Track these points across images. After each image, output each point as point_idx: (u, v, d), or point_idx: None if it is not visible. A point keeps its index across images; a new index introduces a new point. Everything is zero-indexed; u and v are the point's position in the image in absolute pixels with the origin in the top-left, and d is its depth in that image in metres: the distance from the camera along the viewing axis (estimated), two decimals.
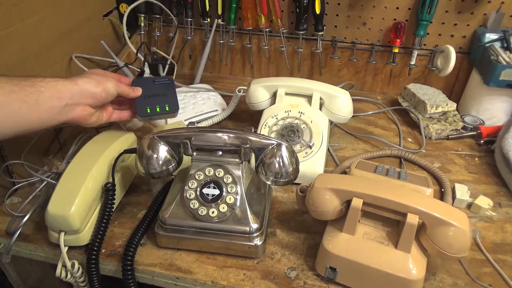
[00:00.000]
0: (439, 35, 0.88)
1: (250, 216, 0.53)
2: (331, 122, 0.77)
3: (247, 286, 0.51)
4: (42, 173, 0.66)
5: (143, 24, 0.94)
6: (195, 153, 0.55)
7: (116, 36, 0.95)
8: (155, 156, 0.54)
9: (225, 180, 0.54)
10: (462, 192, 0.64)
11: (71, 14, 0.77)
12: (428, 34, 0.87)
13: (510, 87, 0.76)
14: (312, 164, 0.67)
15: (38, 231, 0.58)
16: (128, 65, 0.86)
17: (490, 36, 0.80)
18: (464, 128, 0.81)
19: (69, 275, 0.54)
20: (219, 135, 0.54)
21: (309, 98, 0.74)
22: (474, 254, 0.56)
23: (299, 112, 0.71)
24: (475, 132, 0.80)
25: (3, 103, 0.48)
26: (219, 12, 0.92)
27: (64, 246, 0.53)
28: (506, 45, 0.78)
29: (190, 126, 0.58)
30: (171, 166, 0.55)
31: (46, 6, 0.69)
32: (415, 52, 0.88)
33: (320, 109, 0.73)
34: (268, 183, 0.54)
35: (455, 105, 0.82)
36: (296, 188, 0.56)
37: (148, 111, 0.64)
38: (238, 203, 0.53)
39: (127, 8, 0.91)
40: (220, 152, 0.55)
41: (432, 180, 0.66)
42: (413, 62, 0.89)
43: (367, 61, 0.94)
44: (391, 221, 0.50)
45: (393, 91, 0.97)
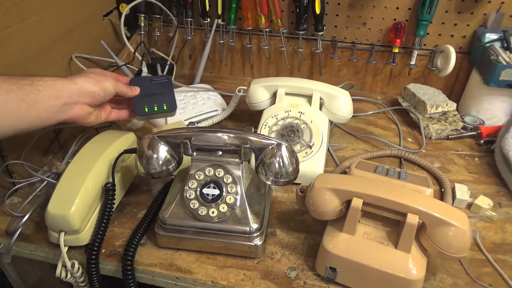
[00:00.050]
0: (439, 35, 0.88)
1: (250, 216, 0.53)
2: (331, 122, 0.77)
3: (247, 286, 0.51)
4: (42, 173, 0.66)
5: (143, 24, 0.94)
6: (195, 153, 0.55)
7: (116, 36, 0.95)
8: (155, 156, 0.54)
9: (225, 180, 0.54)
10: (462, 192, 0.64)
11: (71, 14, 0.77)
12: (428, 34, 0.87)
13: (510, 87, 0.76)
14: (312, 164, 0.67)
15: (38, 231, 0.58)
16: (127, 64, 0.86)
17: (490, 36, 0.80)
18: (464, 128, 0.81)
19: (69, 275, 0.54)
20: (219, 135, 0.54)
21: (309, 98, 0.74)
22: (474, 254, 0.56)
23: (299, 112, 0.71)
24: (475, 132, 0.80)
25: (1, 102, 0.48)
26: (219, 12, 0.92)
27: (64, 246, 0.53)
28: (506, 45, 0.78)
29: (190, 126, 0.58)
30: (171, 166, 0.55)
31: (46, 6, 0.69)
32: (415, 52, 0.88)
33: (320, 109, 0.73)
34: (268, 183, 0.54)
35: (455, 105, 0.82)
36: (296, 188, 0.56)
37: (146, 110, 0.64)
38: (238, 203, 0.53)
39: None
40: (220, 152, 0.55)
41: (432, 180, 0.66)
42: (413, 62, 0.89)
43: (367, 61, 0.94)
44: (391, 221, 0.50)
45: (393, 91, 0.97)
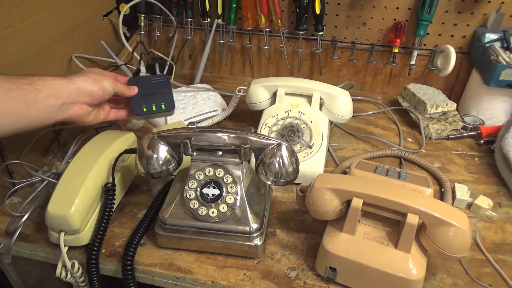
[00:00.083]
0: (439, 35, 0.88)
1: (250, 216, 0.53)
2: (331, 122, 0.77)
3: (247, 286, 0.51)
4: (42, 173, 0.66)
5: (143, 24, 0.94)
6: (195, 153, 0.55)
7: (116, 36, 0.95)
8: (155, 156, 0.54)
9: (225, 180, 0.54)
10: (462, 192, 0.64)
11: (71, 14, 0.77)
12: (428, 34, 0.87)
13: (510, 87, 0.76)
14: (312, 164, 0.67)
15: (38, 231, 0.58)
16: (127, 64, 0.86)
17: (490, 36, 0.80)
18: (464, 128, 0.81)
19: (69, 275, 0.54)
20: (219, 135, 0.54)
21: (309, 98, 0.74)
22: (474, 254, 0.56)
23: (299, 112, 0.71)
24: (475, 132, 0.80)
25: (1, 101, 0.48)
26: (219, 12, 0.92)
27: (64, 246, 0.53)
28: (506, 45, 0.78)
29: (190, 126, 0.58)
30: (171, 166, 0.55)
31: (46, 6, 0.69)
32: (415, 52, 0.88)
33: (320, 109, 0.73)
34: (268, 183, 0.54)
35: (455, 105, 0.82)
36: (296, 188, 0.56)
37: (144, 110, 0.64)
38: (238, 203, 0.53)
39: (127, 8, 0.91)
40: (220, 152, 0.55)
41: (432, 180, 0.66)
42: (413, 62, 0.89)
43: (367, 61, 0.94)
44: (391, 221, 0.50)
45: (393, 91, 0.97)
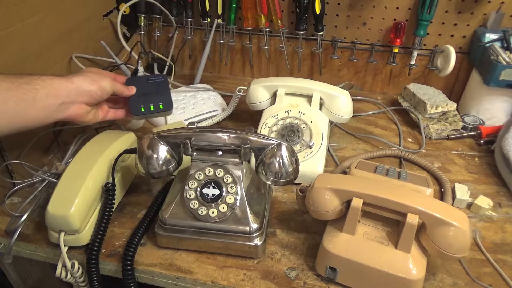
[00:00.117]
0: (439, 35, 0.88)
1: (250, 216, 0.53)
2: (331, 122, 0.77)
3: (247, 286, 0.51)
4: (42, 173, 0.66)
5: (143, 24, 0.94)
6: (195, 153, 0.55)
7: (116, 36, 0.95)
8: (155, 156, 0.54)
9: (225, 180, 0.54)
10: (462, 192, 0.64)
11: (71, 14, 0.77)
12: (428, 34, 0.87)
13: (510, 87, 0.76)
14: (312, 164, 0.67)
15: (38, 231, 0.58)
16: (127, 64, 0.86)
17: (490, 36, 0.80)
18: (464, 128, 0.81)
19: (69, 275, 0.54)
20: (219, 135, 0.54)
21: (309, 98, 0.74)
22: (474, 254, 0.56)
23: (299, 112, 0.71)
24: (475, 132, 0.80)
25: (0, 100, 0.48)
26: (219, 12, 0.92)
27: (64, 246, 0.53)
28: (506, 45, 0.78)
29: (190, 126, 0.58)
30: (171, 166, 0.55)
31: (46, 6, 0.69)
32: (415, 52, 0.88)
33: (320, 109, 0.73)
34: (268, 183, 0.54)
35: (455, 105, 0.82)
36: (296, 188, 0.56)
37: (142, 110, 0.64)
38: (238, 203, 0.53)
39: (126, 8, 0.91)
40: (220, 152, 0.55)
41: (432, 180, 0.66)
42: (413, 62, 0.89)
43: (367, 61, 0.94)
44: (391, 221, 0.50)
45: (393, 91, 0.97)
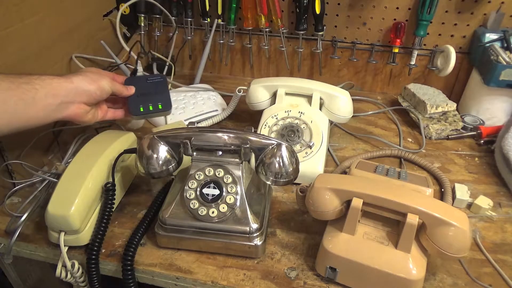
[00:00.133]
0: (439, 35, 0.88)
1: (250, 216, 0.53)
2: (331, 122, 0.77)
3: (247, 286, 0.51)
4: (42, 173, 0.66)
5: (143, 24, 0.94)
6: (195, 153, 0.55)
7: (116, 36, 0.95)
8: (155, 156, 0.54)
9: (225, 180, 0.54)
10: (462, 192, 0.64)
11: (71, 14, 0.77)
12: (428, 34, 0.87)
13: (510, 87, 0.76)
14: (312, 164, 0.67)
15: (38, 231, 0.58)
16: (127, 64, 0.86)
17: (490, 36, 0.80)
18: (464, 128, 0.81)
19: (69, 275, 0.54)
20: (219, 135, 0.54)
21: (309, 98, 0.74)
22: (474, 254, 0.56)
23: (299, 112, 0.71)
24: (475, 132, 0.80)
25: (0, 100, 0.48)
26: (219, 12, 0.92)
27: (64, 246, 0.53)
28: (506, 45, 0.78)
29: (190, 126, 0.58)
30: (171, 166, 0.55)
31: (46, 6, 0.69)
32: (415, 52, 0.88)
33: (320, 109, 0.73)
34: (268, 183, 0.54)
35: (455, 105, 0.82)
36: (296, 188, 0.56)
37: (141, 110, 0.64)
38: (238, 203, 0.53)
39: (126, 8, 0.91)
40: (220, 152, 0.55)
41: (432, 180, 0.66)
42: (413, 62, 0.89)
43: (367, 61, 0.94)
44: (391, 221, 0.50)
45: (393, 91, 0.97)
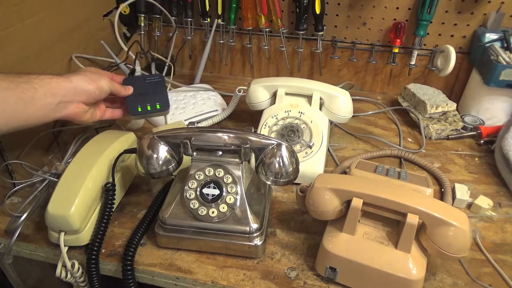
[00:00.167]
0: (439, 35, 0.88)
1: (250, 216, 0.53)
2: (331, 122, 0.77)
3: (247, 286, 0.51)
4: (42, 173, 0.66)
5: (143, 24, 0.94)
6: (195, 153, 0.55)
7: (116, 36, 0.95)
8: (155, 156, 0.54)
9: (225, 180, 0.54)
10: (462, 192, 0.64)
11: (71, 14, 0.77)
12: (428, 34, 0.87)
13: (510, 87, 0.76)
14: (312, 164, 0.67)
15: (38, 231, 0.58)
16: (126, 63, 0.86)
17: (490, 36, 0.80)
18: (464, 128, 0.81)
19: (69, 275, 0.54)
20: (219, 135, 0.54)
21: (309, 98, 0.74)
22: (474, 254, 0.56)
23: (299, 112, 0.71)
24: (475, 132, 0.80)
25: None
26: (219, 12, 0.92)
27: (64, 246, 0.53)
28: (506, 45, 0.78)
29: (190, 126, 0.58)
30: (171, 166, 0.55)
31: (46, 6, 0.69)
32: (415, 52, 0.88)
33: (320, 109, 0.73)
34: (268, 183, 0.54)
35: (455, 105, 0.82)
36: (296, 188, 0.56)
37: (139, 110, 0.64)
38: (238, 203, 0.53)
39: (126, 8, 0.91)
40: (220, 152, 0.55)
41: (432, 180, 0.66)
42: (413, 62, 0.89)
43: (367, 61, 0.94)
44: (391, 221, 0.50)
45: (393, 91, 0.97)
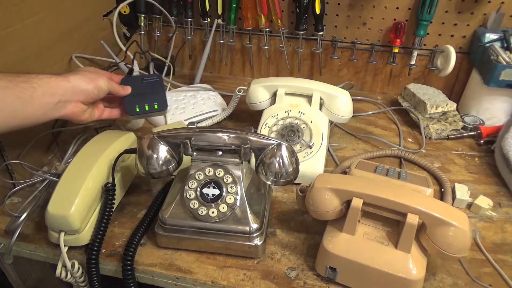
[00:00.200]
0: (439, 35, 0.88)
1: (250, 216, 0.53)
2: (331, 122, 0.77)
3: (247, 286, 0.51)
4: (42, 173, 0.66)
5: (143, 24, 0.94)
6: (195, 153, 0.55)
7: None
8: (155, 156, 0.54)
9: (225, 180, 0.54)
10: (462, 192, 0.64)
11: (71, 14, 0.77)
12: (428, 34, 0.87)
13: (510, 87, 0.76)
14: (312, 164, 0.67)
15: (38, 231, 0.58)
16: (126, 63, 0.86)
17: (490, 36, 0.80)
18: (464, 128, 0.81)
19: (69, 275, 0.54)
20: (219, 135, 0.54)
21: (309, 98, 0.74)
22: (474, 254, 0.56)
23: (299, 112, 0.71)
24: (475, 132, 0.80)
25: None
26: (219, 12, 0.92)
27: (64, 246, 0.53)
28: (506, 45, 0.78)
29: (190, 126, 0.58)
30: (171, 166, 0.55)
31: (46, 6, 0.69)
32: (415, 52, 0.88)
33: (320, 109, 0.73)
34: (268, 183, 0.54)
35: (455, 105, 0.82)
36: (296, 188, 0.56)
37: (137, 110, 0.64)
38: (238, 203, 0.53)
39: (126, 8, 0.91)
40: (220, 152, 0.55)
41: (432, 180, 0.66)
42: (413, 62, 0.89)
43: (367, 61, 0.94)
44: (391, 221, 0.50)
45: (393, 91, 0.97)
